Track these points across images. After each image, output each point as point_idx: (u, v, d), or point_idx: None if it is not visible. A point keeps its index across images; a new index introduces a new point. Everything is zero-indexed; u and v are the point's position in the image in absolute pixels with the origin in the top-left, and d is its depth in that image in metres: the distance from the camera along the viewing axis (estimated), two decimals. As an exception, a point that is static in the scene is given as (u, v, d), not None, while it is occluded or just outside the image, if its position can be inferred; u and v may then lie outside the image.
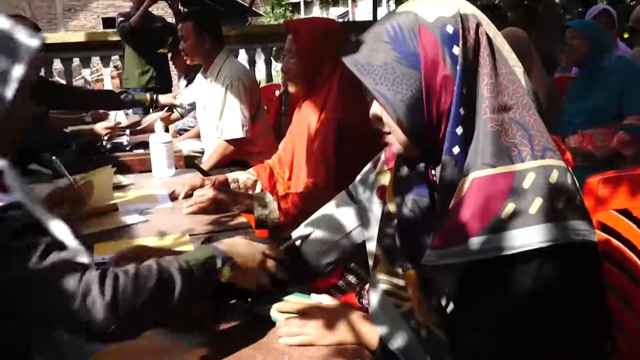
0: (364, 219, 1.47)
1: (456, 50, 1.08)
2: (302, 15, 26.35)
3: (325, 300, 1.40)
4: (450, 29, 1.09)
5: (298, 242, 1.57)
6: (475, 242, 1.04)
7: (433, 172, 1.20)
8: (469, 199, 1.06)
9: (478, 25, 1.11)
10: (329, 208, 1.59)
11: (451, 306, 1.16)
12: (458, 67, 1.08)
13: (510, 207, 1.03)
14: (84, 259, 1.08)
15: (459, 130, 1.08)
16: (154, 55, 5.79)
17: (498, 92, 1.09)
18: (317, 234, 1.56)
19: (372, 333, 1.27)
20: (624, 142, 3.12)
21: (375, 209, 1.41)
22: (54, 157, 2.34)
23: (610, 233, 1.69)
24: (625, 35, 4.47)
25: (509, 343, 1.07)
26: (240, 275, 1.33)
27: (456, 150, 1.09)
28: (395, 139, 1.17)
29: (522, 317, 1.06)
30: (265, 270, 1.40)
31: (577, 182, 1.10)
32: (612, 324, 1.21)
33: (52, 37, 6.48)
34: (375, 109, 1.18)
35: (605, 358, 1.14)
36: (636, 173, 1.68)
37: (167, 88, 5.88)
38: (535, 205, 1.03)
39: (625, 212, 1.67)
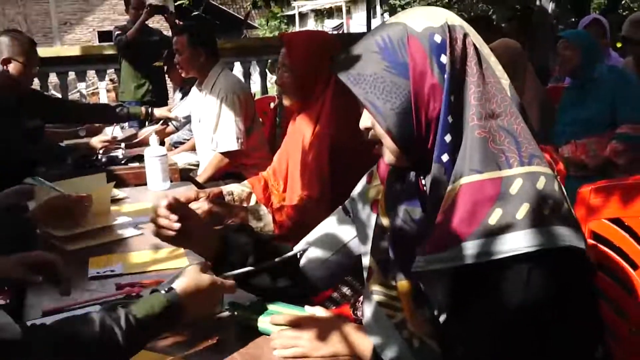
0: (360, 233, 1.47)
1: (444, 59, 1.10)
2: (297, 28, 26.42)
3: (319, 312, 1.40)
4: (438, 39, 1.11)
5: (299, 255, 1.57)
6: (464, 247, 1.05)
7: (423, 181, 1.21)
8: (457, 205, 1.07)
9: (465, 35, 1.13)
10: (327, 224, 1.58)
11: (443, 316, 1.17)
12: (446, 76, 1.09)
13: (497, 212, 1.04)
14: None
15: (448, 138, 1.10)
16: (150, 69, 5.80)
17: (486, 100, 1.10)
18: (315, 249, 1.56)
19: (365, 344, 1.27)
20: (616, 151, 3.13)
21: (371, 222, 1.41)
22: (34, 177, 2.36)
23: (602, 242, 1.69)
24: (618, 45, 4.50)
25: (501, 350, 1.07)
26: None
27: (445, 157, 1.10)
28: (386, 148, 1.18)
29: (513, 323, 1.06)
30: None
31: (564, 189, 1.11)
32: (605, 331, 1.21)
33: (48, 51, 6.50)
34: (365, 119, 1.19)
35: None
36: (627, 182, 1.68)
37: (162, 101, 5.89)
38: (522, 210, 1.04)
39: (617, 221, 1.68)
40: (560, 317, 1.07)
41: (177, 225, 1.43)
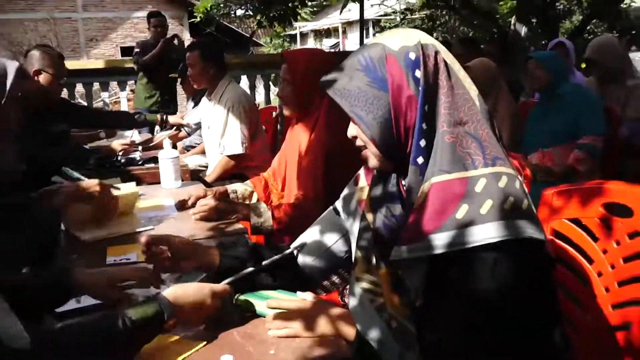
0: (349, 229, 1.48)
1: (418, 73, 1.12)
2: (298, 46, 26.41)
3: (309, 297, 1.41)
4: (412, 56, 1.12)
5: (295, 252, 1.58)
6: (435, 238, 1.07)
7: (403, 182, 1.22)
8: (429, 202, 1.09)
9: (437, 53, 1.15)
10: (313, 230, 1.59)
11: (420, 300, 1.17)
12: (420, 88, 1.11)
13: (464, 207, 1.06)
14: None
15: (422, 143, 1.12)
16: (162, 82, 5.80)
17: (454, 109, 1.12)
18: (309, 246, 1.57)
19: (350, 326, 1.28)
20: (579, 159, 3.15)
21: (358, 220, 1.42)
22: (64, 168, 2.35)
23: (563, 239, 1.70)
24: (583, 66, 4.52)
25: (469, 331, 1.09)
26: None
27: (420, 160, 1.12)
28: (371, 154, 1.19)
29: (480, 306, 1.07)
30: (214, 308, 1.33)
31: (526, 190, 1.12)
32: (563, 318, 1.22)
33: (75, 64, 6.48)
34: (352, 129, 1.21)
35: (558, 351, 1.15)
36: (585, 186, 1.69)
37: (171, 111, 5.88)
38: (486, 206, 1.05)
39: (576, 221, 1.69)
40: (522, 301, 1.08)
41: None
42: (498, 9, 10.01)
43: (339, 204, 1.53)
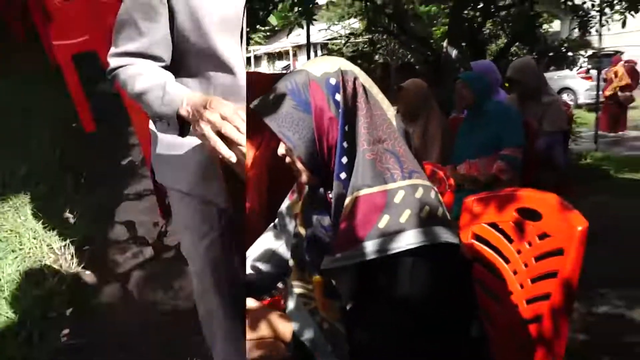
0: (287, 241, 1.49)
1: (338, 97, 1.15)
2: (252, 68, 26.36)
3: (249, 302, 1.42)
4: (333, 81, 1.16)
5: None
6: (361, 247, 1.09)
7: (330, 195, 1.24)
8: (354, 214, 1.11)
9: (356, 78, 1.18)
10: (261, 241, 1.60)
11: (350, 304, 1.20)
12: (340, 110, 1.14)
13: (385, 217, 1.09)
14: None
15: (344, 160, 1.14)
16: None
17: (373, 129, 1.15)
18: (259, 254, 1.58)
19: (286, 328, 1.28)
20: (501, 169, 3.24)
21: (292, 231, 1.44)
22: None
23: (483, 242, 1.75)
24: (506, 85, 4.65)
25: (392, 329, 1.11)
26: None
27: (343, 175, 1.15)
28: (300, 170, 1.22)
29: (401, 307, 1.09)
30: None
31: (440, 197, 1.16)
32: (481, 313, 1.25)
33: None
34: (281, 148, 1.24)
35: (476, 345, 1.18)
36: (501, 194, 1.74)
37: None
38: (405, 215, 1.08)
39: (494, 225, 1.74)
40: (439, 299, 1.11)
41: None
42: (432, 34, 10.25)
43: (277, 219, 1.55)
